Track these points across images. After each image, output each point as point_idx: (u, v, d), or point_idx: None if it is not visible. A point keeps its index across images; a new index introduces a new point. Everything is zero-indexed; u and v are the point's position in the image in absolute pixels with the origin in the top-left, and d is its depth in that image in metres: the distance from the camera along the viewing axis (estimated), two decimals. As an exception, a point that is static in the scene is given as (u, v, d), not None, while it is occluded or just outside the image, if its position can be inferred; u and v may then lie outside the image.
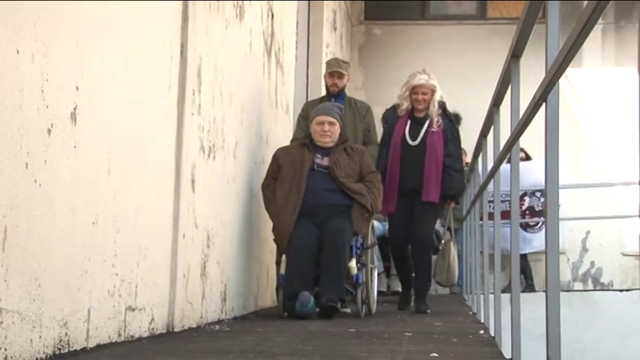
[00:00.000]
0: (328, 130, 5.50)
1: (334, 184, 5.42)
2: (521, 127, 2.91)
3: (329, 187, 5.41)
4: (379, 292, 6.87)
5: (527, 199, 9.35)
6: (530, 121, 2.71)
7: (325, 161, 5.49)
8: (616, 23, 11.32)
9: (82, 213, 3.15)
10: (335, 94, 6.18)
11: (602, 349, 8.80)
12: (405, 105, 6.03)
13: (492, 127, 4.43)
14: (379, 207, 5.64)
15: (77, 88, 3.05)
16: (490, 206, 5.52)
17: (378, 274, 7.20)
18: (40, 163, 2.77)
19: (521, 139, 3.09)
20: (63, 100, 2.94)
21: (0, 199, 2.52)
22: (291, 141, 6.25)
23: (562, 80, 2.30)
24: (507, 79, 3.54)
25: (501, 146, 3.73)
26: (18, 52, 2.62)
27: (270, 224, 5.69)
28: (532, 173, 8.29)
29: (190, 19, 4.36)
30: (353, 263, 5.34)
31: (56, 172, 2.89)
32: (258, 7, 6.03)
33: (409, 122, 6.03)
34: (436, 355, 3.29)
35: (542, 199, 6.05)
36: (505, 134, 3.49)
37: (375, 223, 6.88)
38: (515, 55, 3.23)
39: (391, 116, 6.16)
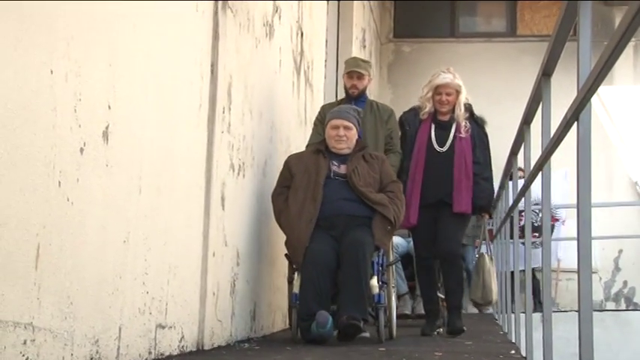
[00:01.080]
0: (344, 135, 5.00)
1: (353, 193, 4.89)
2: (552, 145, 2.90)
3: (347, 196, 4.89)
4: (403, 315, 6.43)
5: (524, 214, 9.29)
6: (561, 140, 2.70)
7: (342, 169, 4.98)
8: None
9: (113, 231, 3.16)
10: (355, 97, 5.64)
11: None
12: (428, 107, 5.50)
13: (523, 146, 4.41)
14: (402, 219, 5.06)
15: (109, 107, 3.07)
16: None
17: (402, 295, 6.88)
18: (73, 181, 2.79)
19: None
20: (95, 120, 2.96)
21: (33, 218, 2.54)
22: (306, 147, 5.70)
23: (594, 98, 2.28)
24: (538, 98, 3.53)
25: (532, 165, 3.71)
26: (52, 72, 2.65)
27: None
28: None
29: (221, 37, 4.39)
30: (374, 281, 4.77)
31: (88, 191, 2.91)
32: (288, 25, 6.06)
33: (433, 127, 5.52)
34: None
35: (540, 215, 5.80)
36: (535, 152, 3.48)
37: (398, 239, 6.63)
38: (547, 73, 3.22)
39: (412, 119, 5.60)
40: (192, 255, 4.07)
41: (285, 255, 4.95)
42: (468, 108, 5.53)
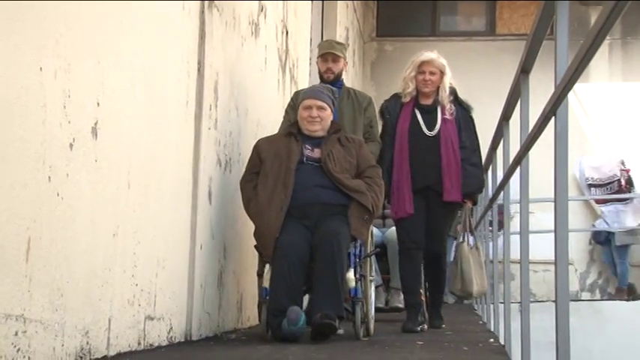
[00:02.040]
0: (317, 115, 4.41)
1: (327, 179, 4.30)
2: (530, 140, 2.91)
3: (321, 182, 4.30)
4: (377, 309, 5.51)
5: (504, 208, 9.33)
6: (539, 135, 2.71)
7: (316, 153, 4.38)
8: (622, 39, 11.32)
9: (103, 225, 3.16)
10: (331, 82, 5.05)
11: (610, 358, 8.75)
12: (411, 88, 5.05)
13: (502, 141, 4.42)
14: (380, 207, 4.53)
15: (98, 104, 3.06)
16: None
17: (376, 287, 5.81)
18: (63, 176, 2.78)
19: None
20: (84, 116, 2.95)
21: (23, 212, 2.53)
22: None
23: (570, 95, 2.30)
24: (517, 94, 3.55)
25: (511, 159, 3.72)
26: (41, 69, 2.63)
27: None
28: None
29: (207, 36, 4.38)
30: (351, 274, 4.20)
31: (78, 186, 2.90)
32: (273, 24, 6.05)
33: (417, 111, 5.07)
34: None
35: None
36: (514, 148, 3.49)
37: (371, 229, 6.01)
38: (525, 70, 3.23)
39: (393, 106, 5.14)
40: (180, 248, 4.07)
41: (255, 246, 4.43)
42: (453, 91, 5.13)
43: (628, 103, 10.84)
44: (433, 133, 4.98)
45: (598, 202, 10.37)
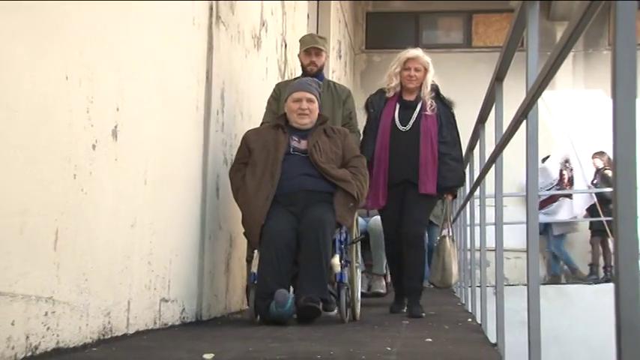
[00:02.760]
0: (307, 108, 4.09)
1: (313, 168, 3.99)
2: (504, 141, 2.92)
3: (308, 171, 3.99)
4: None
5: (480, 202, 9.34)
6: (512, 136, 2.72)
7: (303, 144, 4.07)
8: (585, 51, 11.35)
9: (122, 217, 3.16)
10: (313, 75, 4.71)
11: (574, 335, 8.79)
12: (395, 83, 4.70)
13: (479, 141, 4.42)
14: (365, 194, 4.18)
15: (117, 109, 3.06)
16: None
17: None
18: (86, 174, 2.79)
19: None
20: (105, 120, 2.95)
21: (52, 206, 2.54)
22: (261, 124, 4.79)
23: (539, 100, 2.30)
24: (492, 100, 3.55)
25: (486, 158, 3.73)
26: (67, 78, 2.64)
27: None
28: None
29: (215, 49, 4.38)
30: (336, 260, 3.93)
31: (100, 182, 2.90)
32: (274, 38, 6.05)
33: (398, 106, 4.70)
34: (430, 340, 3.29)
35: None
36: (490, 148, 3.50)
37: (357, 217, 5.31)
38: (499, 78, 3.24)
39: (377, 101, 4.77)
40: (191, 238, 4.07)
41: (244, 233, 4.12)
42: (435, 88, 4.76)
43: (589, 108, 10.87)
44: (406, 128, 4.62)
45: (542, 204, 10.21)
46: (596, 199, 9.55)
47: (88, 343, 2.79)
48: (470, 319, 4.64)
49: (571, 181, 10.19)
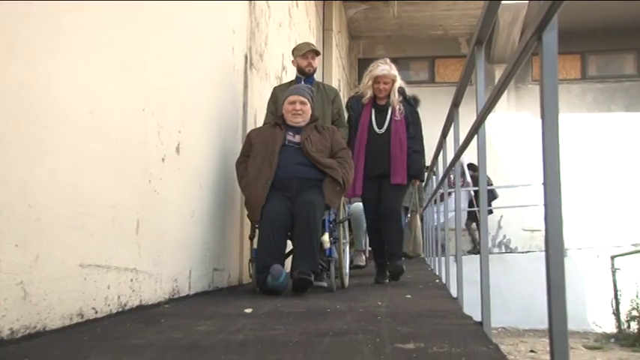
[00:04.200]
0: (300, 109, 3.70)
1: (306, 158, 3.58)
2: (460, 151, 2.92)
3: (301, 161, 3.58)
4: None
5: (443, 194, 9.27)
6: (466, 147, 2.72)
7: (297, 138, 3.66)
8: (515, 85, 11.34)
9: (184, 210, 3.17)
10: (310, 74, 4.22)
11: (512, 291, 8.80)
12: (369, 94, 4.26)
13: (442, 151, 4.42)
14: (350, 181, 3.75)
15: (180, 132, 3.08)
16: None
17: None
18: (158, 179, 2.80)
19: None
20: (171, 140, 2.97)
21: (134, 202, 2.56)
22: (263, 124, 4.25)
23: (486, 120, 2.31)
24: (450, 120, 3.54)
25: (448, 163, 3.73)
26: (144, 110, 2.65)
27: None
28: None
29: (249, 86, 4.40)
30: (326, 237, 3.56)
31: (167, 185, 2.92)
32: (292, 74, 6.04)
33: (373, 110, 4.28)
34: (409, 296, 3.29)
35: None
36: (450, 155, 3.50)
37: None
38: (456, 105, 3.24)
39: (355, 105, 4.34)
40: (232, 224, 4.06)
41: (247, 215, 3.67)
42: (402, 91, 4.35)
43: (519, 126, 10.90)
44: (382, 130, 4.23)
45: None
46: (473, 195, 9.23)
47: (162, 301, 2.81)
48: (437, 280, 4.64)
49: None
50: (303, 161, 3.58)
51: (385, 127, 4.22)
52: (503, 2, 2.07)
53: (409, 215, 4.73)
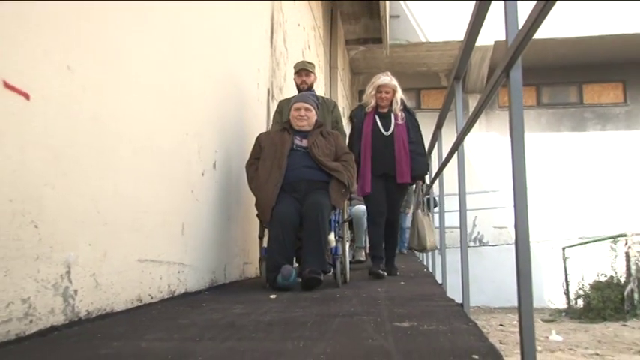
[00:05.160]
0: (304, 114, 3.27)
1: (313, 162, 3.17)
2: (443, 165, 2.92)
3: (308, 164, 3.16)
4: None
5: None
6: (448, 162, 2.72)
7: (304, 142, 3.24)
8: (485, 111, 11.33)
9: (221, 215, 3.17)
10: (305, 90, 3.86)
11: (484, 276, 8.77)
12: (372, 102, 3.85)
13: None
14: (354, 183, 3.37)
15: (216, 152, 3.08)
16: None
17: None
18: (198, 190, 2.81)
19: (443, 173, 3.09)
20: (209, 159, 2.98)
21: (179, 209, 2.57)
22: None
23: (465, 140, 2.31)
24: (435, 139, 3.54)
25: (433, 174, 3.72)
26: (187, 134, 2.67)
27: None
28: None
29: (270, 114, 4.40)
30: (332, 236, 3.13)
31: (206, 195, 2.92)
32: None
33: (378, 117, 3.85)
34: (403, 283, 3.27)
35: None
36: (435, 169, 3.49)
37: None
38: (439, 127, 3.25)
39: (359, 114, 3.93)
40: (256, 225, 4.06)
41: (256, 215, 3.18)
42: (402, 102, 3.95)
43: (488, 144, 10.90)
44: (389, 133, 3.79)
45: None
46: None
47: (203, 289, 2.81)
48: (425, 270, 4.61)
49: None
50: (311, 164, 3.17)
51: (391, 130, 3.80)
52: (476, 45, 2.09)
53: (410, 212, 4.19)
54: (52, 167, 1.64)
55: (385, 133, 3.80)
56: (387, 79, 3.87)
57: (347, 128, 4.44)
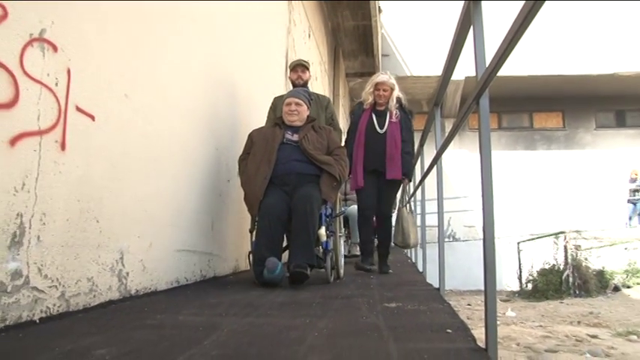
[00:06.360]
0: (295, 109, 2.64)
1: (303, 155, 2.52)
2: (424, 176, 2.91)
3: (298, 157, 2.52)
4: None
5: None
6: (429, 173, 2.70)
7: (295, 137, 2.59)
8: (458, 132, 11.32)
9: (243, 214, 3.07)
10: (301, 86, 3.26)
11: (456, 265, 8.76)
12: (370, 100, 3.28)
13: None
14: (346, 177, 2.65)
15: (240, 163, 3.09)
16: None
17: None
18: (226, 194, 2.80)
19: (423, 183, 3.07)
20: (234, 168, 2.92)
21: (209, 209, 2.56)
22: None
23: (443, 156, 2.31)
24: (419, 155, 3.49)
25: (417, 181, 3.69)
26: (217, 149, 2.67)
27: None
28: None
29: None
30: (323, 231, 2.44)
31: (232, 198, 2.90)
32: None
33: (373, 114, 3.27)
34: (391, 271, 3.23)
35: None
36: (418, 178, 3.47)
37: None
38: (422, 145, 3.23)
39: (358, 110, 3.36)
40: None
41: (248, 210, 2.53)
42: (399, 100, 3.33)
43: (460, 159, 10.95)
44: (383, 130, 3.22)
45: None
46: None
47: (229, 274, 2.80)
48: (409, 261, 4.58)
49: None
50: (301, 158, 2.54)
51: (385, 128, 3.26)
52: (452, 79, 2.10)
53: (396, 210, 3.70)
54: (109, 174, 1.67)
55: (379, 130, 3.28)
56: (385, 77, 3.37)
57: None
